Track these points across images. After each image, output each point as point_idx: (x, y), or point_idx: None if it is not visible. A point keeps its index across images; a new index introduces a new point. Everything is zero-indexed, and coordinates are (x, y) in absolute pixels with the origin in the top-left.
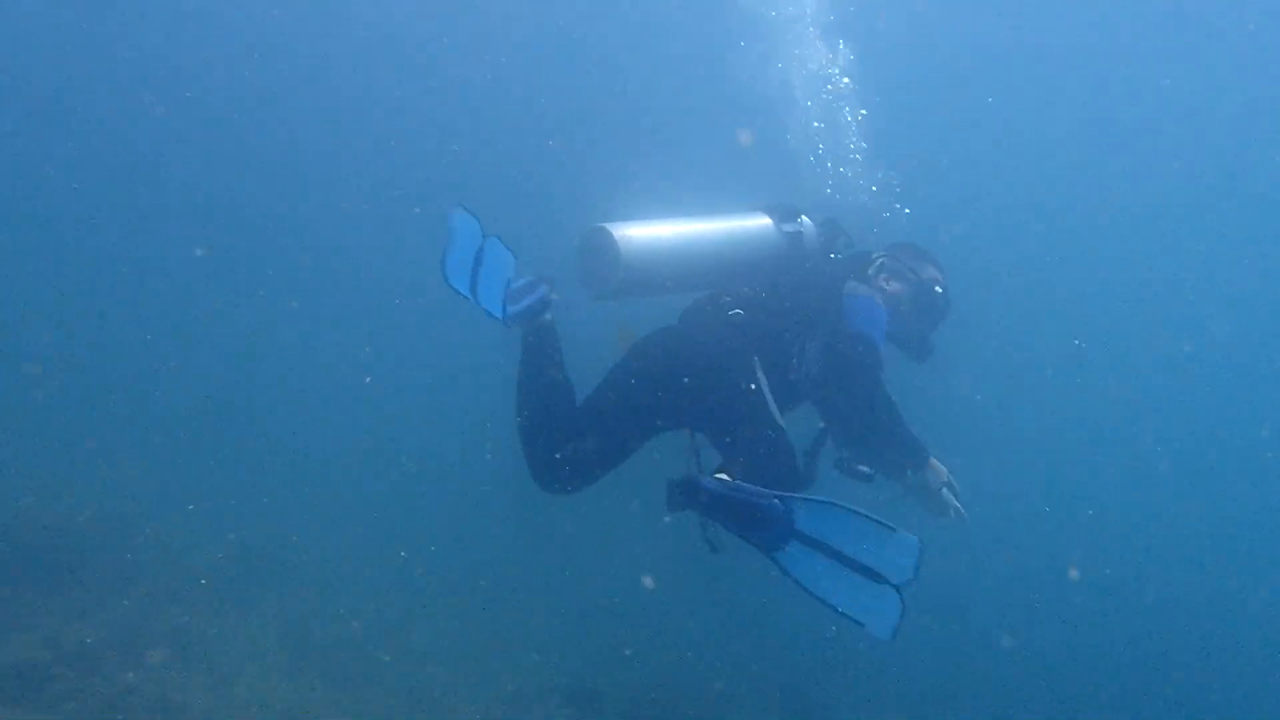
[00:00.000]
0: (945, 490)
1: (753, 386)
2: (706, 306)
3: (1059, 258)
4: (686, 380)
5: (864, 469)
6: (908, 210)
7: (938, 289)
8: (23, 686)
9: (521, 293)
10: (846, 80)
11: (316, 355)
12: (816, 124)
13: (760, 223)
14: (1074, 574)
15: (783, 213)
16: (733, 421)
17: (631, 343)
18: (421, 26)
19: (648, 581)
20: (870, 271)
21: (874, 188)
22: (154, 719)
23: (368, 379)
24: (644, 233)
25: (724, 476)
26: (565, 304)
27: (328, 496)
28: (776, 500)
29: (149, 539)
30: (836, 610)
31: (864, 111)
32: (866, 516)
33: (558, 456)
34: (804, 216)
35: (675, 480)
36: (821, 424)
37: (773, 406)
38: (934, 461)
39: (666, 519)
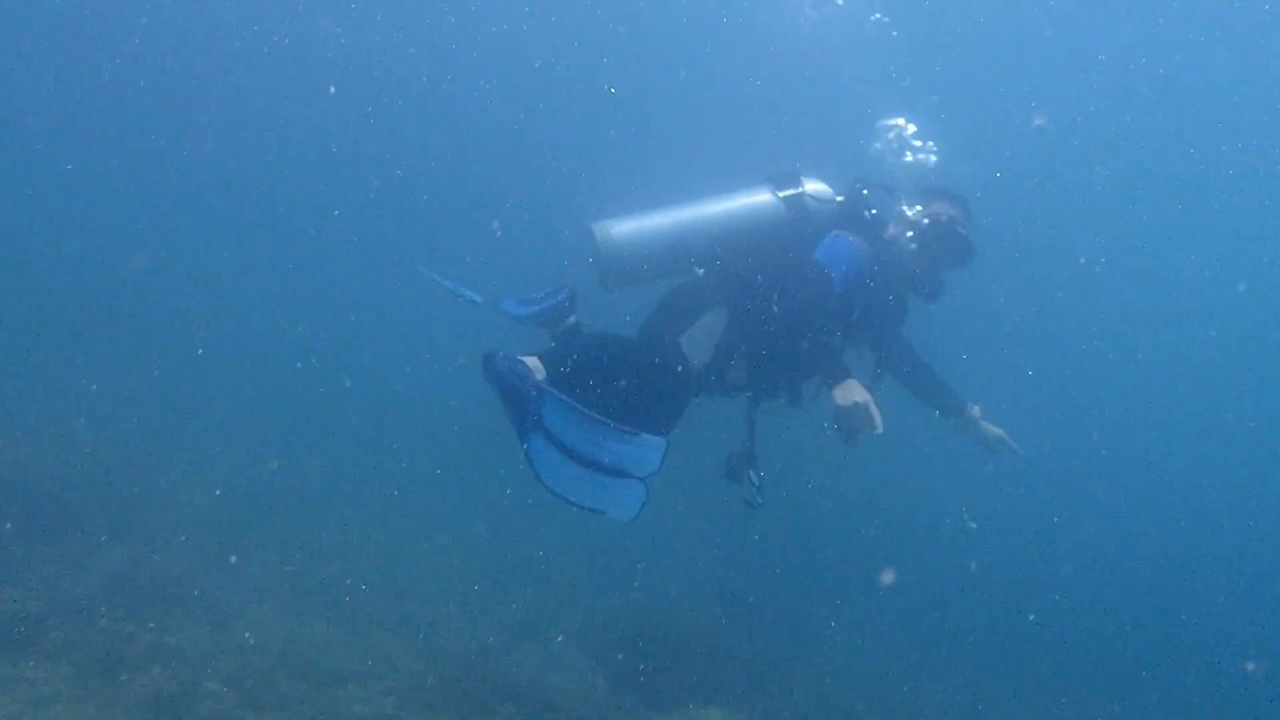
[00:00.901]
0: (999, 432)
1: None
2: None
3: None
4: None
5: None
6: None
7: (925, 221)
8: (19, 638)
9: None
10: None
11: (305, 298)
12: None
13: (759, 195)
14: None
15: (781, 180)
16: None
17: None
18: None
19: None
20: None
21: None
22: (151, 666)
23: (353, 317)
24: (630, 227)
25: (526, 360)
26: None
27: (324, 436)
28: (534, 391)
29: (144, 485)
30: (571, 503)
31: None
32: (606, 423)
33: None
34: (805, 181)
35: (486, 354)
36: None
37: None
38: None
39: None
